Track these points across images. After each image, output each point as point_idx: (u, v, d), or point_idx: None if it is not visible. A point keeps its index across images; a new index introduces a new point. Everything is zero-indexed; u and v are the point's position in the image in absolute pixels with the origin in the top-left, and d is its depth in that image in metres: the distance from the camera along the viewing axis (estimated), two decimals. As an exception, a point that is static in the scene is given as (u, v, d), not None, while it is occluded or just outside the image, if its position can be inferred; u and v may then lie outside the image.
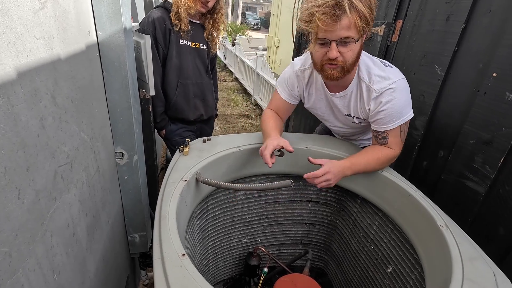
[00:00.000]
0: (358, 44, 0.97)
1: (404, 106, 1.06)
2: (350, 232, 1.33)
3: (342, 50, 0.95)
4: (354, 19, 0.88)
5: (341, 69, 1.00)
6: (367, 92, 1.08)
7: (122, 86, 1.07)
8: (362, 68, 1.08)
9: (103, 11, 0.95)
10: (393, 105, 1.05)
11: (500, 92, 1.09)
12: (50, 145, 0.64)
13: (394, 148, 1.12)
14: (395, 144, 1.11)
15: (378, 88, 1.05)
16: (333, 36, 0.92)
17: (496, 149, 1.11)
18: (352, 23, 0.89)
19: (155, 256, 0.70)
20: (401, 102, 1.05)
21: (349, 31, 0.90)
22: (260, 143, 1.27)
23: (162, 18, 1.52)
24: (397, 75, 1.07)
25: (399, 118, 1.07)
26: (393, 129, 1.08)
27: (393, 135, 1.10)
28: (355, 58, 0.99)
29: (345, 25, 0.89)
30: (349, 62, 0.98)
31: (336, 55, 0.95)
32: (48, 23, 0.64)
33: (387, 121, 1.07)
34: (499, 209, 1.11)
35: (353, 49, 0.96)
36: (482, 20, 1.17)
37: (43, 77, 0.62)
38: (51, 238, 0.64)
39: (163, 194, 0.92)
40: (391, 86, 1.03)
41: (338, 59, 0.96)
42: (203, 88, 1.74)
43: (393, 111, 1.05)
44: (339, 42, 0.94)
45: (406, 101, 1.07)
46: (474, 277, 0.68)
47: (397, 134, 1.10)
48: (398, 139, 1.11)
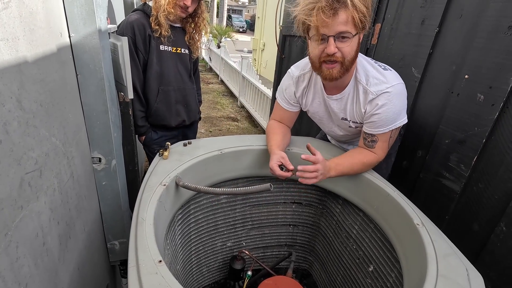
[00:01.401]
0: (356, 41, 0.97)
1: (399, 111, 1.06)
2: (333, 233, 1.35)
3: (340, 45, 0.96)
4: (352, 14, 0.90)
5: (340, 66, 1.00)
6: (363, 94, 1.08)
7: (98, 89, 1.03)
8: (360, 70, 1.08)
9: (76, 12, 0.92)
10: (388, 110, 1.04)
11: (472, 94, 1.14)
12: (16, 151, 0.61)
13: (379, 153, 1.13)
14: (381, 149, 1.12)
15: (375, 90, 1.04)
16: (331, 31, 0.93)
17: (470, 148, 1.15)
18: (350, 18, 0.91)
19: (130, 263, 0.68)
20: (396, 107, 1.04)
21: (347, 25, 0.92)
22: (243, 145, 1.26)
23: (142, 24, 1.48)
24: (395, 79, 1.06)
25: (392, 123, 1.06)
26: (384, 133, 1.09)
27: (382, 139, 1.10)
28: (353, 55, 0.99)
29: (343, 20, 0.91)
30: (348, 58, 0.98)
31: (334, 50, 0.95)
32: (13, 24, 0.62)
33: (379, 125, 1.07)
34: (473, 206, 1.15)
35: (351, 45, 0.96)
36: (454, 24, 1.22)
37: (6, 80, 0.59)
38: (17, 249, 0.61)
39: (141, 199, 0.90)
40: (388, 89, 1.03)
41: (337, 55, 0.97)
42: (186, 93, 1.72)
43: (387, 115, 1.05)
44: (337, 37, 0.94)
45: (401, 107, 1.06)
46: (447, 273, 0.70)
47: (386, 139, 1.11)
48: (386, 144, 1.12)
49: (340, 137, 1.35)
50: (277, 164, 1.06)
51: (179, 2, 1.46)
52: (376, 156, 1.13)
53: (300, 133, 2.29)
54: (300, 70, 1.23)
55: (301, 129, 2.30)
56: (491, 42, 1.07)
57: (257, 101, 4.82)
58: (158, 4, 1.44)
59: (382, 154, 1.13)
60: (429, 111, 1.36)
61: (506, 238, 1.03)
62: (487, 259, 1.10)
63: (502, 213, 1.04)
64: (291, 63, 1.34)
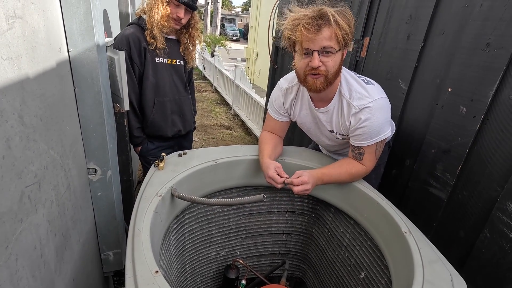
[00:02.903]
0: (339, 56, 1.04)
1: (382, 125, 1.09)
2: (325, 241, 1.37)
3: (324, 60, 1.01)
4: (335, 30, 0.96)
5: (324, 79, 1.05)
6: (347, 108, 1.12)
7: (95, 102, 1.06)
8: (344, 84, 1.13)
9: (75, 28, 0.95)
10: (371, 123, 1.08)
11: (455, 106, 1.20)
12: (17, 165, 0.63)
13: (367, 165, 1.16)
14: (369, 160, 1.16)
15: (357, 104, 1.08)
16: (315, 45, 0.98)
17: (454, 157, 1.20)
18: (333, 34, 0.97)
19: (127, 274, 0.70)
20: (379, 121, 1.08)
21: (330, 41, 0.98)
22: (237, 156, 1.29)
23: (137, 37, 1.51)
24: (378, 93, 1.10)
25: (376, 136, 1.10)
26: (370, 145, 1.12)
27: (368, 151, 1.14)
28: (336, 69, 1.05)
29: (327, 36, 0.97)
30: (331, 72, 1.04)
31: (318, 64, 1.00)
32: (16, 43, 0.64)
33: (364, 137, 1.11)
34: (459, 213, 1.20)
35: (334, 59, 1.02)
36: (437, 39, 1.29)
37: (9, 98, 0.61)
38: (16, 261, 0.62)
39: (137, 210, 0.92)
40: (370, 104, 1.07)
41: (321, 68, 1.02)
42: (181, 103, 1.75)
43: (371, 128, 1.08)
44: (321, 52, 1.00)
45: (384, 120, 1.10)
46: (432, 279, 0.73)
47: (373, 151, 1.14)
48: (373, 156, 1.15)
49: (329, 147, 1.40)
50: (276, 173, 1.10)
51: (172, 15, 1.50)
52: (364, 167, 1.16)
53: (293, 143, 2.34)
54: (288, 83, 1.28)
55: (294, 139, 2.35)
56: (471, 57, 1.14)
57: (251, 110, 4.87)
58: (152, 18, 1.48)
59: (370, 165, 1.17)
60: (416, 122, 1.41)
61: (490, 244, 1.07)
62: (474, 265, 1.14)
63: (486, 220, 1.09)
64: (284, 74, 1.38)
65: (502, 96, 1.04)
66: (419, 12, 1.35)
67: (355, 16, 1.74)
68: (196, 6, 1.56)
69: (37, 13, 0.75)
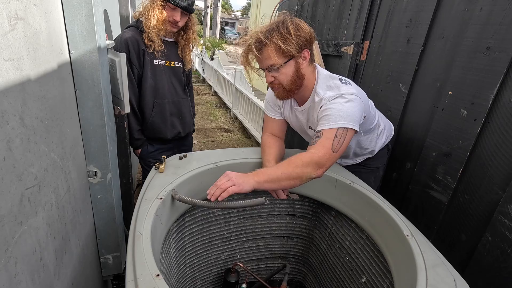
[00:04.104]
0: (290, 66, 1.09)
1: (347, 113, 1.04)
2: (326, 244, 1.37)
3: (274, 74, 1.11)
4: (272, 50, 1.05)
5: (283, 89, 1.14)
6: (319, 103, 1.13)
7: (95, 104, 1.05)
8: (321, 84, 1.15)
9: (76, 30, 0.95)
10: (335, 108, 1.05)
11: (456, 109, 1.20)
12: (17, 167, 0.62)
13: (317, 149, 1.01)
14: (322, 145, 1.01)
15: (327, 96, 1.10)
16: (263, 65, 1.11)
17: (455, 161, 1.20)
18: (272, 52, 1.05)
19: (128, 278, 0.69)
20: (344, 108, 1.04)
21: (271, 59, 1.07)
22: (238, 158, 1.29)
23: (135, 39, 1.52)
24: (351, 90, 1.09)
25: (338, 121, 1.03)
26: (329, 129, 1.03)
27: (325, 136, 1.02)
28: (290, 79, 1.11)
29: (267, 56, 1.07)
30: (285, 83, 1.11)
31: (270, 79, 1.12)
32: (18, 45, 0.64)
33: (325, 120, 1.06)
34: (460, 217, 1.20)
35: (284, 72, 1.09)
36: (437, 43, 1.29)
37: (11, 99, 0.61)
38: (16, 265, 0.61)
39: (138, 213, 0.91)
40: (338, 95, 1.08)
41: (274, 82, 1.12)
42: (180, 105, 1.75)
43: (333, 112, 1.05)
44: (268, 69, 1.11)
45: (350, 111, 1.04)
46: (436, 283, 0.73)
47: (331, 137, 1.02)
48: (329, 142, 1.01)
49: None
50: None
51: (168, 18, 1.51)
52: (309, 154, 1.01)
53: (293, 145, 2.34)
54: None
55: (294, 141, 2.35)
56: (471, 61, 1.14)
57: (250, 113, 4.87)
58: (148, 22, 1.48)
59: (321, 150, 1.01)
60: (416, 125, 1.42)
61: (491, 247, 1.07)
62: (475, 269, 1.13)
63: (487, 223, 1.09)
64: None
65: (503, 99, 1.04)
66: (419, 16, 1.36)
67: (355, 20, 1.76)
68: (193, 8, 1.57)
69: (39, 15, 0.75)
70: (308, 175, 1.00)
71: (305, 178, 1.00)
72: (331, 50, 1.95)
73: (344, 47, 1.83)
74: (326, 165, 1.02)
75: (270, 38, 1.04)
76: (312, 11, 2.26)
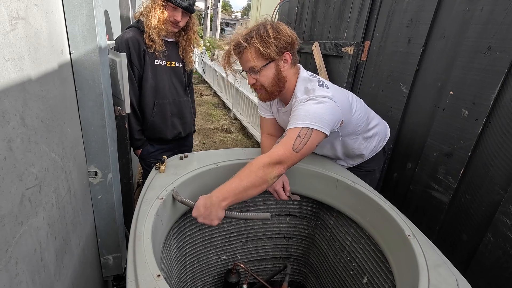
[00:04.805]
0: (271, 68, 1.10)
1: (314, 114, 1.00)
2: (327, 245, 1.36)
3: (255, 77, 1.12)
4: (252, 52, 1.07)
5: (265, 91, 1.16)
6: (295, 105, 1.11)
7: (96, 104, 1.05)
8: (299, 86, 1.15)
9: (77, 30, 0.95)
10: (302, 109, 1.03)
11: (457, 109, 1.20)
12: (18, 167, 0.62)
13: (277, 149, 0.98)
14: (283, 144, 0.98)
15: (301, 99, 1.09)
16: (244, 67, 1.13)
17: (457, 161, 1.20)
18: (252, 55, 1.07)
19: (129, 278, 0.69)
20: (312, 109, 1.02)
21: (251, 62, 1.08)
22: (238, 159, 1.29)
23: (136, 39, 1.52)
24: (324, 94, 1.06)
25: (303, 120, 0.99)
26: (293, 128, 1.00)
27: (289, 135, 1.00)
28: (271, 81, 1.12)
29: (247, 59, 1.09)
30: (266, 84, 1.13)
31: (251, 81, 1.14)
32: (19, 44, 0.64)
33: (292, 119, 1.04)
34: (461, 217, 1.19)
35: (265, 74, 1.11)
36: (438, 43, 1.29)
37: (11, 98, 0.60)
38: (16, 265, 0.61)
39: (138, 213, 0.91)
40: (311, 97, 1.06)
41: (256, 84, 1.14)
42: (181, 106, 1.75)
43: (300, 112, 1.02)
44: (249, 72, 1.13)
45: (318, 113, 1.01)
46: (438, 283, 0.72)
47: (293, 136, 0.98)
48: (290, 142, 0.98)
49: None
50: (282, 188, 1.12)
51: (169, 18, 1.51)
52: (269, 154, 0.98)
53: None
54: None
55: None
56: (472, 61, 1.14)
57: (250, 113, 4.87)
58: (149, 22, 1.48)
59: (281, 149, 0.98)
60: (417, 125, 1.41)
61: (493, 248, 1.07)
62: (477, 269, 1.13)
63: (489, 224, 1.08)
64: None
65: (504, 99, 1.04)
66: (420, 16, 1.36)
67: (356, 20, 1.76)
68: (194, 9, 1.57)
69: (40, 15, 0.75)
70: (272, 175, 0.97)
71: (270, 178, 0.97)
72: (331, 50, 1.95)
73: (345, 47, 1.83)
74: (287, 163, 0.98)
75: (249, 41, 1.06)
76: (312, 12, 2.26)
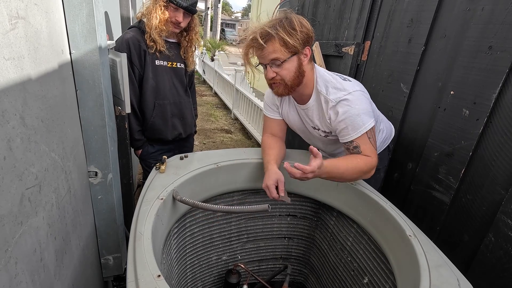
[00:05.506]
0: (292, 62, 1.08)
1: (362, 113, 1.08)
2: (328, 245, 1.36)
3: (276, 70, 1.09)
4: (278, 42, 1.04)
5: (284, 86, 1.13)
6: (325, 104, 1.14)
7: (96, 104, 1.05)
8: (320, 82, 1.15)
9: (77, 30, 0.95)
10: (351, 114, 1.08)
11: (458, 109, 1.19)
12: (18, 167, 0.62)
13: (370, 155, 1.10)
14: (369, 151, 1.10)
15: (333, 98, 1.11)
16: (265, 60, 1.09)
17: (457, 161, 1.20)
18: (277, 46, 1.04)
19: (129, 279, 0.69)
20: (357, 111, 1.08)
21: (275, 53, 1.05)
22: (239, 159, 1.28)
23: (137, 40, 1.51)
24: (353, 87, 1.12)
25: (361, 126, 1.08)
26: (360, 137, 1.09)
27: (362, 142, 1.10)
28: (292, 75, 1.10)
29: (271, 49, 1.05)
30: (287, 78, 1.10)
31: (271, 75, 1.10)
32: (19, 44, 0.64)
33: (350, 130, 1.09)
34: (462, 217, 1.19)
35: (287, 67, 1.08)
36: (438, 43, 1.29)
37: (11, 98, 0.60)
38: (16, 265, 0.60)
39: (138, 213, 0.91)
40: (346, 96, 1.09)
41: (276, 78, 1.11)
42: (181, 107, 1.74)
43: (352, 119, 1.08)
44: (271, 64, 1.09)
45: (363, 110, 1.09)
46: (439, 283, 0.72)
47: (366, 141, 1.10)
48: (370, 145, 1.10)
49: (321, 147, 1.40)
50: (274, 185, 1.08)
51: (171, 19, 1.50)
52: (369, 158, 1.09)
53: (294, 145, 2.33)
54: None
55: (295, 143, 2.34)
56: (473, 60, 1.14)
57: (251, 114, 4.87)
58: (151, 22, 1.48)
59: (373, 155, 1.10)
60: (418, 125, 1.41)
61: (495, 248, 1.06)
62: (478, 269, 1.12)
63: (490, 224, 1.08)
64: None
65: (505, 99, 1.03)
66: (421, 16, 1.35)
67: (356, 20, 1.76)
68: (195, 9, 1.56)
69: (40, 14, 0.75)
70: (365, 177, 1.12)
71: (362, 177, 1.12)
72: (332, 50, 1.94)
73: (345, 48, 1.82)
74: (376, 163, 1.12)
75: (276, 31, 1.03)
76: (313, 12, 2.26)
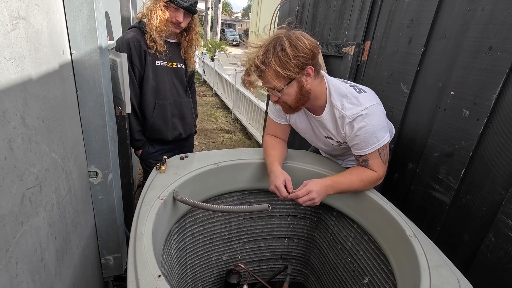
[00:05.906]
0: (291, 88, 1.06)
1: (378, 130, 1.09)
2: (328, 245, 1.36)
3: (278, 95, 1.09)
4: (270, 74, 1.03)
5: (289, 107, 1.14)
6: (341, 119, 1.13)
7: (96, 104, 1.05)
8: (335, 95, 1.13)
9: (78, 30, 0.95)
10: (367, 131, 1.08)
11: (458, 109, 1.19)
12: (18, 167, 0.62)
13: (377, 170, 1.13)
14: (377, 166, 1.13)
15: (350, 114, 1.09)
16: (264, 88, 1.11)
17: (458, 161, 1.20)
18: (271, 77, 1.04)
19: (129, 279, 0.69)
20: (373, 128, 1.08)
21: (271, 83, 1.05)
22: (239, 159, 1.28)
23: (137, 40, 1.52)
24: (370, 101, 1.10)
25: (375, 143, 1.10)
26: (371, 153, 1.11)
27: (372, 157, 1.12)
28: (294, 98, 1.10)
29: (267, 81, 1.06)
30: (289, 102, 1.11)
31: (274, 99, 1.13)
32: (20, 44, 0.64)
33: (363, 145, 1.11)
34: (463, 217, 1.19)
35: (287, 93, 1.08)
36: (439, 43, 1.29)
37: (12, 98, 0.60)
38: (16, 265, 0.61)
39: (139, 213, 0.91)
40: (363, 112, 1.07)
41: (279, 101, 1.13)
42: (182, 107, 1.75)
43: (367, 136, 1.09)
44: (270, 91, 1.10)
45: (379, 126, 1.09)
46: (440, 283, 0.72)
47: (377, 156, 1.12)
48: (379, 161, 1.13)
49: (326, 151, 1.40)
50: (283, 185, 1.09)
51: (171, 19, 1.51)
52: (375, 173, 1.14)
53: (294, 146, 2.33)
54: None
55: (295, 143, 2.34)
56: (474, 61, 1.14)
57: (251, 114, 4.87)
58: (151, 22, 1.48)
59: (380, 170, 1.14)
60: (418, 125, 1.41)
61: (495, 248, 1.06)
62: (478, 270, 1.12)
63: (491, 224, 1.08)
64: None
65: (506, 99, 1.03)
66: (421, 16, 1.35)
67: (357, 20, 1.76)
68: (196, 9, 1.56)
69: (40, 15, 0.75)
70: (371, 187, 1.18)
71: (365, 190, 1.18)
72: (332, 50, 1.94)
73: (345, 48, 1.82)
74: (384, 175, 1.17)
75: (267, 64, 1.01)
76: (313, 12, 2.26)
